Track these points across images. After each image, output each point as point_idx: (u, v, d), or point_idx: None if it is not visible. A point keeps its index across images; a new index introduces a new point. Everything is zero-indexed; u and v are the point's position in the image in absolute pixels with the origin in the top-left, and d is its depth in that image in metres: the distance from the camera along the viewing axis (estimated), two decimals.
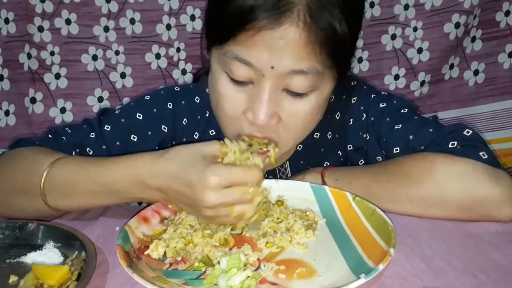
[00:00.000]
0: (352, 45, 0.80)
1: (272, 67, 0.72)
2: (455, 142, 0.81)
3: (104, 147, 0.89)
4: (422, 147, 0.85)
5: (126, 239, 0.69)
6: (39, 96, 1.28)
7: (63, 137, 0.89)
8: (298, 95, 0.76)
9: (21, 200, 0.80)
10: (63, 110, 1.30)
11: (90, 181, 0.75)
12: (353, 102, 0.94)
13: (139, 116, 0.92)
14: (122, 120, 0.92)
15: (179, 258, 0.68)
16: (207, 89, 0.91)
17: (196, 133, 0.95)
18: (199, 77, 1.01)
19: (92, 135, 0.89)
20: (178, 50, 1.30)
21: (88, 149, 0.88)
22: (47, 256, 0.68)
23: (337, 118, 0.95)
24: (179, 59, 1.31)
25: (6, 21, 1.23)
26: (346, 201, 0.79)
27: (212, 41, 0.79)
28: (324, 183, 0.86)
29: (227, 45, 0.74)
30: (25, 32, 1.24)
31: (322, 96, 0.79)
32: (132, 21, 1.27)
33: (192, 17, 1.28)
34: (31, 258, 0.68)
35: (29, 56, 1.25)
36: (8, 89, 1.28)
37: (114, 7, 1.25)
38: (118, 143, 0.90)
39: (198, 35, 1.30)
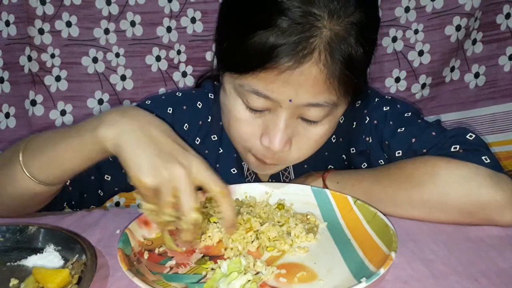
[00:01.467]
0: (367, 64, 0.81)
1: (290, 100, 0.73)
2: (458, 146, 0.82)
3: None
4: (424, 150, 0.85)
5: (126, 242, 0.68)
6: (39, 98, 1.28)
7: None
8: (313, 122, 0.78)
9: (2, 173, 0.78)
10: (63, 113, 1.30)
11: (61, 136, 0.74)
12: (356, 106, 0.94)
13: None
14: None
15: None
16: (209, 94, 0.92)
17: (198, 138, 0.95)
18: (202, 81, 1.01)
19: None
20: (179, 52, 1.30)
21: None
22: (48, 259, 0.68)
23: (341, 121, 0.95)
24: (179, 62, 1.31)
25: (7, 23, 1.23)
26: (347, 204, 0.79)
27: (227, 69, 0.78)
28: (325, 186, 0.86)
29: (244, 78, 0.74)
30: (25, 35, 1.24)
31: (335, 119, 0.81)
32: (133, 24, 1.27)
33: (193, 20, 1.28)
34: (31, 261, 0.68)
35: (29, 58, 1.25)
36: (8, 92, 1.28)
37: (114, 9, 1.25)
38: None
39: (199, 38, 1.30)
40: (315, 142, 0.81)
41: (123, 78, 1.30)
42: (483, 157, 0.78)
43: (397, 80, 1.37)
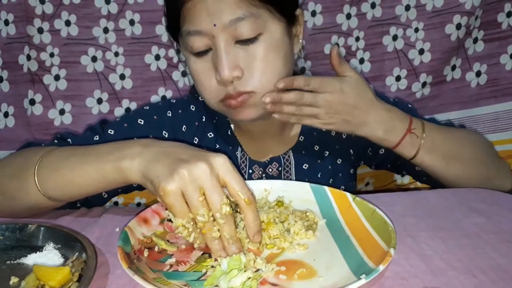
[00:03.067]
0: None
1: (215, 25, 0.82)
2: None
3: None
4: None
5: (126, 240, 0.69)
6: (38, 97, 1.28)
7: (69, 140, 0.92)
8: (248, 41, 0.84)
9: (14, 184, 0.80)
10: (62, 112, 1.30)
11: (78, 159, 0.76)
12: None
13: (141, 121, 0.97)
14: (125, 125, 0.96)
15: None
16: (200, 97, 0.97)
17: (196, 138, 1.01)
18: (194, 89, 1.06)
19: (96, 137, 0.93)
20: (178, 51, 1.30)
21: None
22: (48, 257, 0.68)
23: None
24: (179, 61, 1.31)
25: (6, 22, 1.23)
26: (346, 201, 0.79)
27: (175, 34, 0.90)
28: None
29: (182, 28, 0.86)
30: (24, 34, 1.24)
31: (273, 36, 0.86)
32: (132, 22, 1.27)
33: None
34: (31, 259, 0.68)
35: (28, 57, 1.25)
36: (7, 91, 1.28)
37: (113, 8, 1.25)
38: None
39: None
40: (262, 61, 0.85)
41: (122, 77, 1.30)
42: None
43: (398, 78, 1.37)
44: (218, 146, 1.01)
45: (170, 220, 0.77)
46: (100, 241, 0.74)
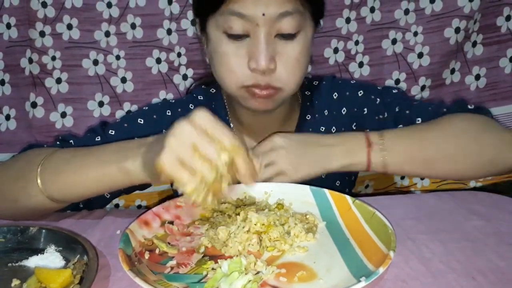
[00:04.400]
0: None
1: (263, 14, 0.82)
2: (472, 106, 0.95)
3: None
4: (444, 109, 0.93)
5: (127, 242, 0.69)
6: (40, 100, 1.28)
7: (71, 141, 0.93)
8: (288, 37, 0.86)
9: (16, 186, 0.80)
10: (63, 115, 1.30)
11: (82, 158, 0.78)
12: (359, 95, 1.04)
13: (141, 121, 0.99)
14: (125, 125, 0.97)
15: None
16: (199, 96, 1.02)
17: None
18: (191, 90, 1.11)
19: (98, 138, 0.94)
20: (179, 55, 1.31)
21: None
22: (49, 260, 0.69)
23: (343, 113, 1.04)
24: (180, 64, 1.32)
25: (8, 26, 1.24)
26: (345, 204, 0.80)
27: (208, 11, 0.88)
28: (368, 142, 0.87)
29: (223, 6, 0.84)
30: (26, 37, 1.24)
31: (307, 38, 0.89)
32: (133, 26, 1.27)
33: (193, 22, 1.28)
34: (32, 262, 0.69)
35: (30, 61, 1.26)
36: (9, 94, 1.29)
37: (115, 12, 1.26)
38: None
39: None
40: (296, 60, 0.88)
41: (123, 80, 1.31)
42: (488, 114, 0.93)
43: (397, 82, 1.38)
44: None
45: (171, 223, 0.78)
46: (101, 243, 0.75)
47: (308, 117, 1.05)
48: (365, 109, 1.03)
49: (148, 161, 0.69)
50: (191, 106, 1.03)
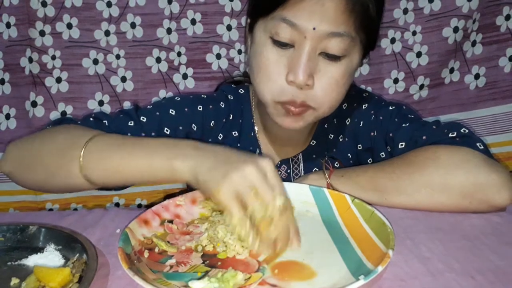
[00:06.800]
0: (377, 26, 0.90)
1: (314, 28, 0.81)
2: (455, 133, 0.88)
3: (143, 134, 0.92)
4: (424, 137, 0.90)
5: (127, 241, 0.69)
6: (40, 99, 1.28)
7: (105, 121, 0.91)
8: (333, 58, 0.84)
9: (58, 162, 0.80)
10: (63, 114, 1.30)
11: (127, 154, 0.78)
12: (363, 108, 1.02)
13: (172, 111, 0.98)
14: (157, 113, 0.96)
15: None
16: (229, 96, 1.02)
17: (221, 134, 1.02)
18: (219, 87, 1.09)
19: (131, 123, 0.93)
20: (179, 54, 1.31)
21: (128, 135, 0.90)
22: (48, 258, 0.69)
23: (348, 123, 1.03)
24: (179, 63, 1.32)
25: (8, 25, 1.24)
26: (345, 203, 0.80)
27: (261, 13, 0.87)
28: (329, 185, 0.88)
29: (275, 11, 0.83)
30: (26, 36, 1.24)
31: (352, 64, 0.87)
32: (133, 25, 1.27)
33: (193, 21, 1.29)
34: (32, 260, 0.69)
35: (30, 60, 1.26)
36: (9, 93, 1.29)
37: (115, 11, 1.26)
38: (153, 133, 0.94)
39: (199, 40, 1.30)
40: (335, 82, 0.86)
41: (123, 79, 1.31)
42: (477, 144, 0.85)
43: (396, 81, 1.38)
44: (239, 145, 1.03)
45: (170, 222, 0.78)
46: (100, 242, 0.75)
47: (331, 136, 1.05)
48: (362, 122, 1.03)
49: (198, 171, 0.69)
50: (222, 105, 1.02)
